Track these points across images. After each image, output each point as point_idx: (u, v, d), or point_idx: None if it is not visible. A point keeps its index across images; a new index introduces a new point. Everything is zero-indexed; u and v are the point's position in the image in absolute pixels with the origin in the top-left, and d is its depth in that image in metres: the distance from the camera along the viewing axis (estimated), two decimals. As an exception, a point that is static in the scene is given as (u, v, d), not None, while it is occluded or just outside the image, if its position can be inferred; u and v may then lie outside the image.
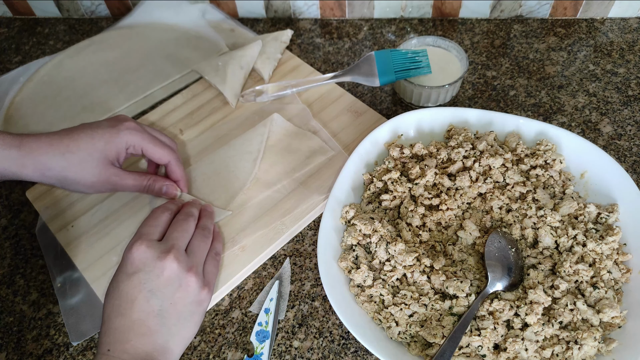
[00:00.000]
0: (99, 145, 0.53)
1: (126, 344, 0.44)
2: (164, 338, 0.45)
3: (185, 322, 0.47)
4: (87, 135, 0.53)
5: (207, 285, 0.49)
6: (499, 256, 0.52)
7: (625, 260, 0.52)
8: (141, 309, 0.45)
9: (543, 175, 0.58)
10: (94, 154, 0.53)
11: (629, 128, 0.66)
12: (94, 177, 0.54)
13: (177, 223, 0.52)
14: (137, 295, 0.45)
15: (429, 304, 0.51)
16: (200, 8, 0.83)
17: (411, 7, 0.81)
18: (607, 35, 0.77)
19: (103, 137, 0.54)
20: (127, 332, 0.44)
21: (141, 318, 0.45)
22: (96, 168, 0.53)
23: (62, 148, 0.52)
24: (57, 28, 0.88)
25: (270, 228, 0.59)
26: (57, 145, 0.52)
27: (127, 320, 0.45)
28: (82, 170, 0.53)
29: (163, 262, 0.46)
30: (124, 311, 0.45)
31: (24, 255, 0.61)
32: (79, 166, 0.53)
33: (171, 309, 0.46)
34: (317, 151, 0.65)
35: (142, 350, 0.44)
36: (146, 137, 0.56)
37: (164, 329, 0.45)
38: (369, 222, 0.54)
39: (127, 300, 0.45)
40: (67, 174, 0.53)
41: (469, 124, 0.63)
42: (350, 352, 0.52)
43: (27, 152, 0.51)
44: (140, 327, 0.44)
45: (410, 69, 0.65)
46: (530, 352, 0.47)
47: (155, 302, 0.45)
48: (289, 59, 0.77)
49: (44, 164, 0.52)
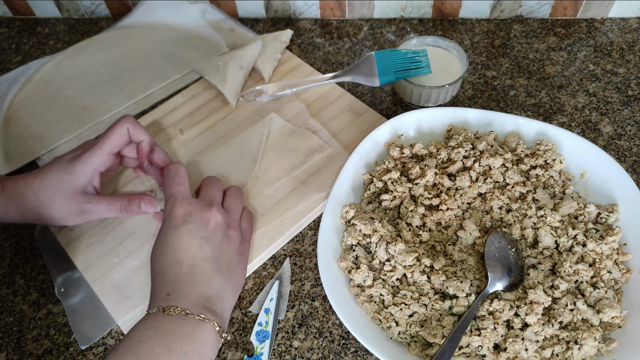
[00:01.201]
0: (64, 177, 0.54)
1: (186, 288, 0.46)
2: (220, 282, 0.48)
3: (235, 269, 0.50)
4: (54, 169, 0.54)
5: (245, 240, 0.54)
6: (499, 256, 0.52)
7: (625, 260, 0.52)
8: (196, 255, 0.48)
9: (543, 175, 0.58)
10: (60, 186, 0.53)
11: (629, 128, 0.66)
12: (65, 210, 0.54)
13: (209, 184, 0.55)
14: (189, 244, 0.48)
15: (429, 304, 0.51)
16: (200, 8, 0.83)
17: (411, 7, 0.81)
18: (607, 35, 0.77)
19: (66, 168, 0.54)
20: (185, 277, 0.46)
21: (197, 264, 0.47)
22: (65, 200, 0.54)
23: (35, 187, 0.53)
24: (57, 28, 0.88)
25: (270, 228, 0.59)
26: (31, 186, 0.53)
27: (184, 267, 0.47)
28: (52, 205, 0.53)
29: (208, 214, 0.50)
30: (180, 259, 0.47)
31: (24, 255, 0.61)
32: (49, 201, 0.53)
33: (221, 257, 0.49)
34: (316, 149, 0.65)
35: (201, 295, 0.46)
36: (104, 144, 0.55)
37: (218, 273, 0.48)
38: (369, 222, 0.54)
39: (181, 250, 0.48)
40: (41, 211, 0.54)
41: (469, 124, 0.63)
42: (350, 352, 0.52)
43: (8, 197, 0.53)
44: (196, 273, 0.47)
45: (410, 69, 0.65)
46: (530, 352, 0.47)
47: (208, 249, 0.48)
48: (289, 59, 0.77)
49: (22, 205, 0.54)
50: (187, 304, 0.45)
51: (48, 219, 0.54)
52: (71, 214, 0.54)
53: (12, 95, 0.75)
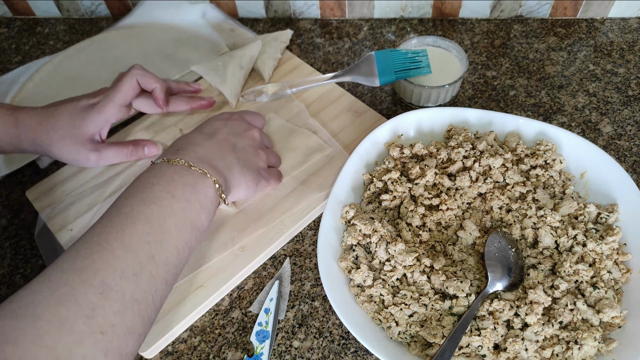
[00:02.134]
0: (77, 122, 0.57)
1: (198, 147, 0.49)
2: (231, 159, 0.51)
3: (248, 169, 0.53)
4: (68, 112, 0.57)
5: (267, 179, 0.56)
6: (499, 256, 0.52)
7: (625, 260, 0.52)
8: (222, 135, 0.52)
9: (543, 175, 0.58)
10: (72, 130, 0.57)
11: (629, 128, 0.66)
12: (74, 154, 0.58)
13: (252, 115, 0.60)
14: (222, 129, 0.53)
15: (429, 304, 0.51)
16: (200, 8, 0.83)
17: (411, 7, 0.81)
18: (607, 35, 0.77)
19: (80, 114, 0.57)
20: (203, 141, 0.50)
21: (219, 140, 0.51)
22: (74, 145, 0.57)
23: (47, 126, 0.56)
24: (57, 28, 0.88)
25: (270, 228, 0.59)
26: (44, 124, 0.56)
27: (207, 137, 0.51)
28: (63, 147, 0.57)
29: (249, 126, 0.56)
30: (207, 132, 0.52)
31: (24, 255, 0.61)
32: (60, 142, 0.56)
33: (243, 152, 0.53)
34: (316, 149, 0.65)
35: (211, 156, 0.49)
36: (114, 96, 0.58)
37: (233, 154, 0.51)
38: (369, 222, 0.54)
39: (213, 129, 0.53)
40: (52, 149, 0.57)
41: (469, 124, 0.63)
42: (350, 352, 0.52)
43: (22, 130, 0.56)
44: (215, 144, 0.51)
45: (410, 69, 0.65)
46: (530, 352, 0.47)
47: (234, 139, 0.53)
48: (289, 59, 0.77)
49: (34, 140, 0.57)
50: (194, 158, 0.47)
51: (58, 157, 0.58)
52: (80, 157, 0.58)
53: (12, 95, 0.75)
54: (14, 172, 0.68)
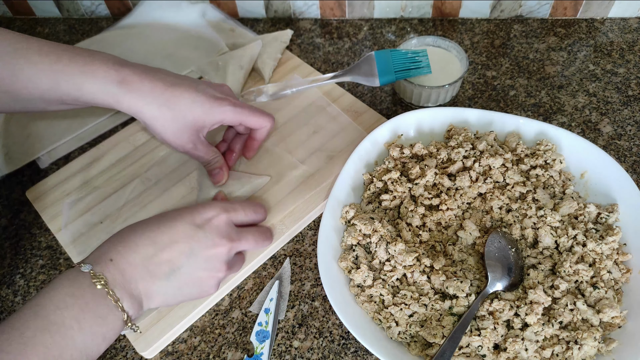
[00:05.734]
0: (197, 112, 0.54)
1: (129, 266, 0.45)
2: (159, 288, 0.46)
3: (179, 295, 0.48)
4: (190, 97, 0.53)
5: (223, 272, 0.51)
6: (499, 256, 0.52)
7: (625, 260, 0.52)
8: (172, 254, 0.46)
9: (543, 175, 0.58)
10: (187, 117, 0.53)
11: (629, 128, 0.66)
12: (176, 138, 0.54)
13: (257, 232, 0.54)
14: (180, 242, 0.47)
15: (429, 304, 0.51)
16: (200, 8, 0.83)
17: (411, 7, 0.81)
18: (607, 35, 0.77)
19: (203, 106, 0.54)
20: (143, 259, 0.45)
21: (164, 260, 0.46)
22: (183, 131, 0.54)
23: (162, 100, 0.52)
24: (57, 28, 0.88)
25: (270, 228, 0.59)
26: (158, 96, 0.52)
27: (153, 251, 0.46)
28: (170, 128, 0.53)
29: (223, 243, 0.49)
30: (159, 242, 0.46)
31: (24, 255, 0.61)
32: (169, 122, 0.53)
33: (185, 277, 0.47)
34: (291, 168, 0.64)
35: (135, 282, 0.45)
36: (245, 111, 0.57)
37: (166, 282, 0.46)
38: (369, 222, 0.54)
39: (171, 239, 0.47)
40: (156, 124, 0.53)
41: (469, 124, 0.63)
42: (350, 352, 0.52)
43: (127, 91, 0.51)
44: (155, 265, 0.45)
45: (410, 69, 0.65)
46: (530, 352, 0.47)
47: (184, 261, 0.47)
48: (289, 59, 0.77)
49: (139, 107, 0.52)
50: (117, 282, 0.44)
51: (155, 132, 0.54)
52: (179, 144, 0.55)
53: (12, 95, 0.75)
54: (14, 172, 0.68)
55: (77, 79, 0.50)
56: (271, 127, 0.60)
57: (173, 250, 0.46)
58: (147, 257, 0.45)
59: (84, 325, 0.41)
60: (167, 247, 0.46)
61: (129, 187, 0.64)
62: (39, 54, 0.50)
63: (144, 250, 0.46)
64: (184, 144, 0.55)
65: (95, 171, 0.66)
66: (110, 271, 0.44)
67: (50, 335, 0.39)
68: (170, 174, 0.65)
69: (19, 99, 0.51)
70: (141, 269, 0.45)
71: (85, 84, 0.50)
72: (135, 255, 0.45)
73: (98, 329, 0.42)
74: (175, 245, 0.46)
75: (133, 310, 0.44)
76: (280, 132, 0.68)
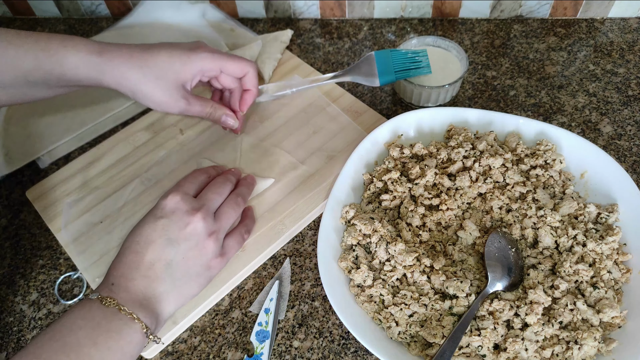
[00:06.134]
0: (176, 65, 0.54)
1: (130, 282, 0.45)
2: (165, 288, 0.47)
3: (190, 281, 0.48)
4: (166, 52, 0.54)
5: (223, 255, 0.51)
6: (499, 256, 0.52)
7: (625, 260, 0.52)
8: (155, 252, 0.47)
9: (543, 175, 0.58)
10: (169, 72, 0.54)
11: (629, 128, 0.66)
12: (165, 97, 0.55)
13: (213, 185, 0.54)
14: (155, 239, 0.47)
15: (429, 304, 0.51)
16: (200, 8, 0.83)
17: (411, 7, 0.81)
18: (607, 35, 0.77)
19: (180, 58, 0.55)
20: (135, 270, 0.46)
21: (152, 261, 0.46)
22: (169, 88, 0.55)
23: (141, 61, 0.53)
24: (57, 28, 0.88)
25: (270, 228, 0.59)
26: (137, 58, 0.53)
27: (139, 259, 0.46)
28: (156, 87, 0.54)
29: (190, 218, 0.48)
30: (139, 249, 0.47)
31: (24, 255, 0.61)
32: (154, 82, 0.54)
33: (181, 263, 0.48)
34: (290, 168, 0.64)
35: (142, 293, 0.45)
36: (223, 56, 0.57)
37: (168, 279, 0.47)
38: (369, 222, 0.54)
39: (146, 241, 0.47)
40: (142, 87, 0.54)
41: (469, 124, 0.63)
42: (350, 352, 0.52)
43: (108, 60, 0.52)
44: (148, 269, 0.46)
45: (410, 69, 0.65)
46: (530, 352, 0.47)
47: (170, 251, 0.47)
48: (289, 59, 0.77)
49: (122, 73, 0.53)
50: (125, 299, 0.44)
51: (144, 97, 0.55)
52: (169, 102, 0.55)
53: (12, 95, 0.75)
54: (14, 172, 0.68)
55: (59, 53, 0.51)
56: (255, 71, 0.60)
57: (153, 249, 0.47)
58: (137, 266, 0.46)
59: (98, 341, 0.41)
60: (147, 249, 0.47)
61: (129, 187, 0.64)
62: (18, 36, 0.51)
63: (132, 263, 0.46)
64: (176, 101, 0.56)
65: (95, 171, 0.66)
66: (116, 292, 0.45)
67: (65, 355, 0.40)
68: (170, 174, 0.65)
69: (4, 85, 0.52)
70: (140, 279, 0.46)
71: (67, 58, 0.51)
72: (129, 271, 0.46)
73: (114, 343, 0.42)
74: (152, 244, 0.47)
75: (150, 320, 0.45)
76: (280, 132, 0.68)
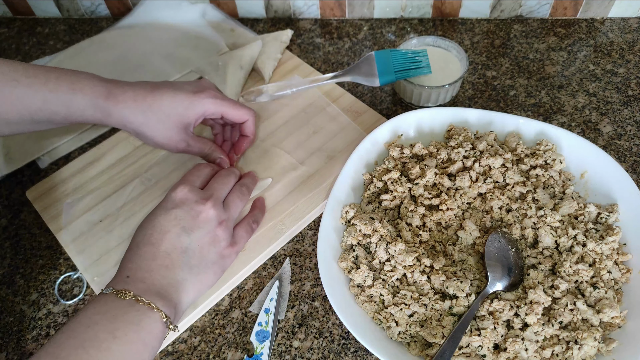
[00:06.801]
0: (179, 109, 0.56)
1: (146, 273, 0.46)
2: (183, 276, 0.47)
3: (206, 268, 0.49)
4: (170, 96, 0.55)
5: (234, 244, 0.53)
6: (499, 256, 0.52)
7: (625, 260, 0.52)
8: (170, 241, 0.48)
9: (543, 175, 0.58)
10: (171, 116, 0.55)
11: (629, 128, 0.66)
12: (167, 139, 0.56)
13: (219, 176, 0.55)
14: (170, 229, 0.48)
15: (429, 304, 0.51)
16: (200, 8, 0.83)
17: (411, 7, 0.81)
18: (607, 35, 0.77)
19: (183, 102, 0.56)
20: (151, 261, 0.47)
21: (168, 250, 0.47)
22: (171, 130, 0.56)
23: (145, 106, 0.54)
24: (57, 28, 0.88)
25: (270, 228, 0.59)
26: (141, 102, 0.54)
27: (155, 249, 0.47)
28: (158, 130, 0.55)
29: (200, 207, 0.50)
30: (154, 241, 0.48)
31: (24, 255, 0.61)
32: (156, 125, 0.55)
33: (197, 251, 0.49)
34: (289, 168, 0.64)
35: (159, 282, 0.46)
36: (225, 103, 0.58)
37: (185, 267, 0.48)
38: (369, 222, 0.54)
39: (160, 232, 0.48)
40: (145, 129, 0.55)
41: (469, 124, 0.63)
42: (350, 352, 0.52)
43: (113, 104, 0.54)
44: (164, 258, 0.47)
45: (410, 69, 0.65)
46: (530, 352, 0.47)
47: (185, 240, 0.48)
48: (289, 59, 0.77)
49: (126, 117, 0.54)
50: (142, 289, 0.44)
51: (147, 138, 0.56)
52: (171, 143, 0.57)
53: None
54: (14, 172, 0.68)
55: (67, 96, 0.53)
56: (253, 119, 0.62)
57: (169, 239, 0.48)
58: (153, 257, 0.47)
59: (117, 334, 0.41)
60: (162, 240, 0.48)
61: (129, 187, 0.64)
62: (26, 75, 0.51)
63: (147, 254, 0.47)
64: (176, 143, 0.57)
65: (95, 171, 0.66)
66: (131, 284, 0.45)
67: (84, 350, 0.40)
68: (170, 174, 0.65)
69: (9, 122, 0.53)
70: (157, 269, 0.46)
71: (74, 101, 0.53)
72: (145, 262, 0.47)
73: (134, 335, 0.42)
74: (167, 234, 0.48)
75: (169, 309, 0.45)
76: (280, 132, 0.68)
